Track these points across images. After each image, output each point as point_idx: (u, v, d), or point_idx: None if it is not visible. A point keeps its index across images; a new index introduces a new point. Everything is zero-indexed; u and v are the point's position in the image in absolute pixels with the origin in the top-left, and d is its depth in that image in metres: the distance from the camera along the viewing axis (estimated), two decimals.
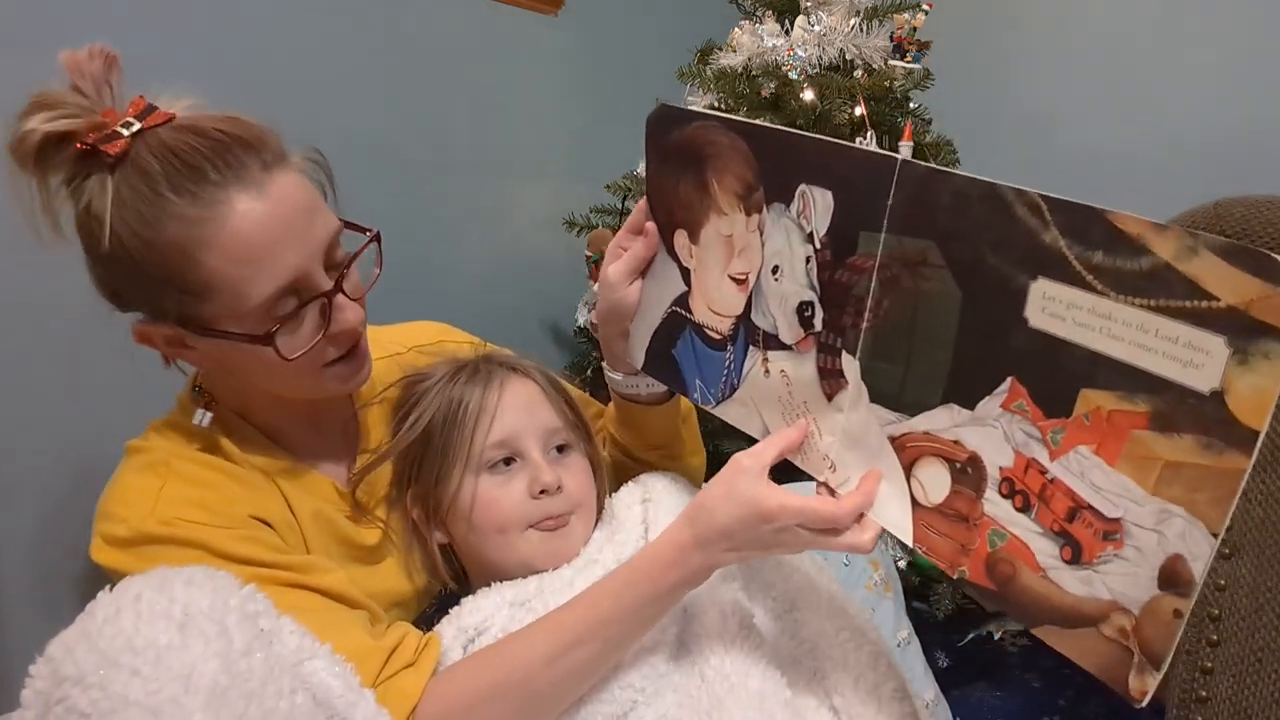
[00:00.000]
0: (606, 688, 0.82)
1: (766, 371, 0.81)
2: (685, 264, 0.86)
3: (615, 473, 1.05)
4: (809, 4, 1.59)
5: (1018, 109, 2.05)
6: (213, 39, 1.46)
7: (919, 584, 1.54)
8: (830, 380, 0.76)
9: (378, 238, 0.87)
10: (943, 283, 0.66)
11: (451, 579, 0.97)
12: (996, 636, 1.62)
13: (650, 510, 0.94)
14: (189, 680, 0.61)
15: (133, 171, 0.75)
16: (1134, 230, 0.55)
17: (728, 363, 0.84)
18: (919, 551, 0.72)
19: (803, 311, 0.77)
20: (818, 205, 0.74)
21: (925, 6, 1.61)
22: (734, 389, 0.85)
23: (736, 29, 1.67)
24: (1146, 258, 0.55)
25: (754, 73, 1.61)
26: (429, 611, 0.97)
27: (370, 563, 0.93)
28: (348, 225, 0.85)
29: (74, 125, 0.75)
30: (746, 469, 0.77)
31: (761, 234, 0.79)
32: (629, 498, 0.98)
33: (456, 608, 0.90)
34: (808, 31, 1.58)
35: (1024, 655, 1.64)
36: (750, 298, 0.81)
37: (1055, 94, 2.03)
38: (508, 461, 0.94)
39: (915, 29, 1.59)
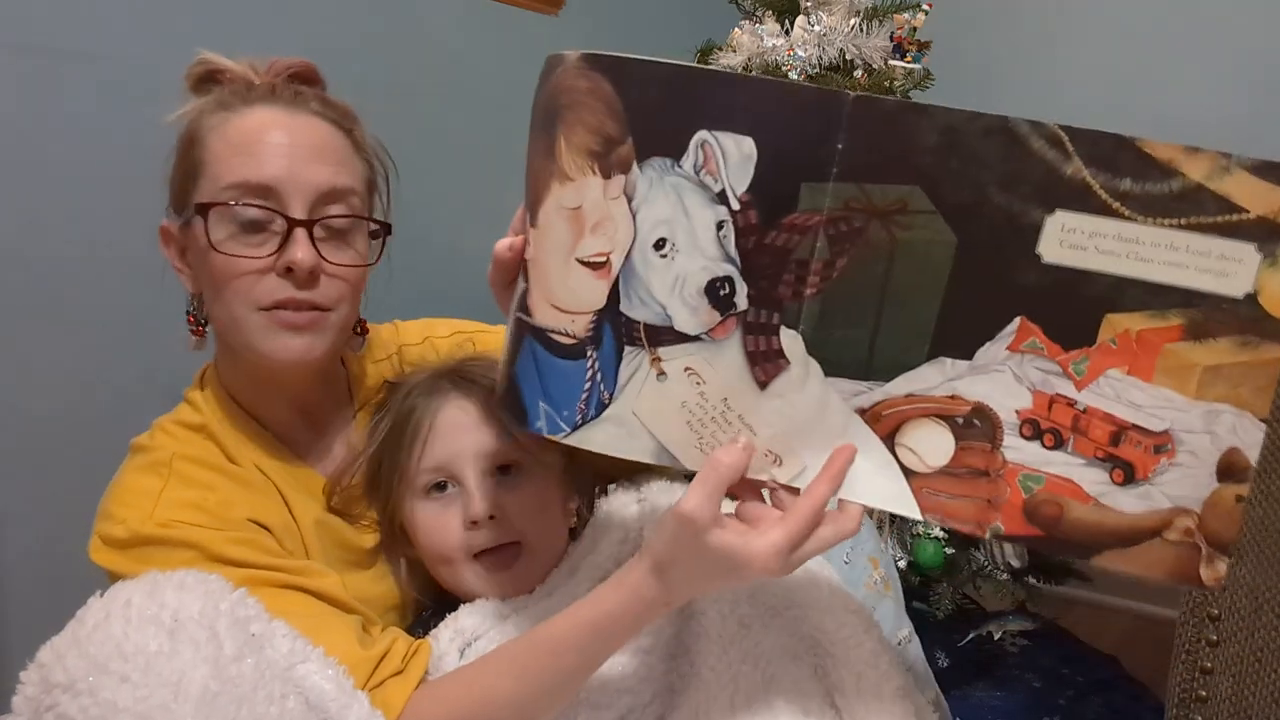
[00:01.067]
0: (604, 690, 0.82)
1: (661, 373, 0.68)
2: (525, 255, 0.71)
3: None
4: (809, 4, 1.59)
5: (1017, 109, 2.05)
6: (212, 39, 1.46)
7: (919, 584, 1.54)
8: (765, 365, 0.67)
9: (388, 229, 0.90)
10: (931, 230, 0.63)
11: (425, 594, 0.94)
12: (996, 636, 1.62)
13: (646, 511, 0.94)
14: (179, 687, 0.61)
15: (222, 86, 0.86)
16: (1164, 155, 0.59)
17: (589, 374, 0.69)
18: (933, 521, 0.68)
19: (717, 290, 0.66)
20: (729, 156, 0.63)
21: (925, 6, 1.60)
22: (604, 406, 0.69)
23: (736, 29, 1.67)
24: (1177, 180, 0.59)
25: (754, 73, 1.61)
26: (425, 614, 0.97)
27: (367, 567, 0.93)
28: (363, 218, 0.87)
29: (229, 66, 0.86)
30: (703, 521, 0.66)
31: (630, 200, 0.65)
32: (625, 498, 0.97)
33: (453, 613, 0.89)
34: (808, 31, 1.58)
35: (1024, 655, 1.63)
36: (616, 284, 0.67)
37: (1054, 94, 2.02)
38: (441, 486, 0.89)
39: (915, 29, 1.58)
